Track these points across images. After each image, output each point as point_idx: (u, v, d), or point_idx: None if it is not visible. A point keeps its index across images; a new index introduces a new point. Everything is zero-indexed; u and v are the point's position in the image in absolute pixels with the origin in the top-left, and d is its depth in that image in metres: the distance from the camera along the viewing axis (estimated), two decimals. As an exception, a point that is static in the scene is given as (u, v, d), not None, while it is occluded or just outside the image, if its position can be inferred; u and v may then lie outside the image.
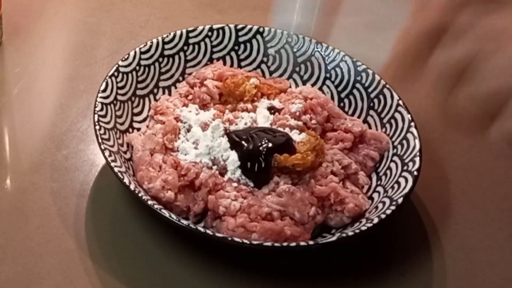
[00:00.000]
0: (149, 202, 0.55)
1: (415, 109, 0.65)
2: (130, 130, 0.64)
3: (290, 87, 0.70)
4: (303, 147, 0.60)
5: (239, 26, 0.72)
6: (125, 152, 0.61)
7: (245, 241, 0.54)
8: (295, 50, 0.72)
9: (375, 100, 0.67)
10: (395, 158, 0.62)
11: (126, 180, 0.55)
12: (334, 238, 0.55)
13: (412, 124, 0.63)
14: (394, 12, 0.86)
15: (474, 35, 0.50)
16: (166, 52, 0.69)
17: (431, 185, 0.66)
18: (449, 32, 0.53)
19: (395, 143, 0.63)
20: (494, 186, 0.68)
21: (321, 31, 0.85)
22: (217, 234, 0.54)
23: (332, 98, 0.69)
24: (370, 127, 0.66)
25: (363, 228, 0.55)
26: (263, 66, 0.72)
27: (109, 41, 0.80)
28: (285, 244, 0.54)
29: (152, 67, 0.68)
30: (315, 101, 0.65)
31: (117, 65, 0.65)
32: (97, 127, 0.59)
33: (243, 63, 0.72)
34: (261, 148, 0.59)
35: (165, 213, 0.54)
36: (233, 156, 0.60)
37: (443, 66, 0.51)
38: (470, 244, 0.62)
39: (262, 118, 0.64)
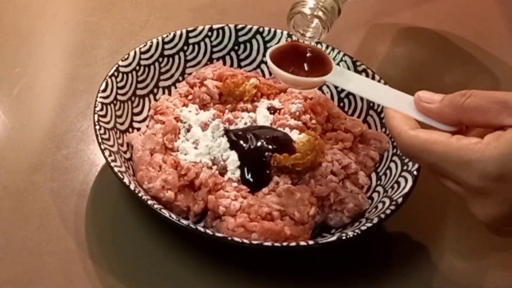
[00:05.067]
0: (149, 202, 0.55)
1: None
2: (130, 130, 0.64)
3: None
4: (302, 147, 0.60)
5: (239, 26, 0.72)
6: (125, 152, 0.61)
7: (245, 241, 0.54)
8: (295, 50, 0.71)
9: (375, 100, 0.67)
10: (395, 158, 0.62)
11: (126, 180, 0.55)
12: (334, 238, 0.55)
13: (412, 124, 0.63)
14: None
15: None
16: (166, 52, 0.69)
17: (431, 185, 0.66)
18: None
19: (395, 143, 0.63)
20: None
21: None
22: (217, 234, 0.54)
23: (332, 98, 0.69)
24: (370, 127, 0.66)
25: (363, 228, 0.55)
26: (263, 66, 0.72)
27: (109, 41, 0.79)
28: (285, 244, 0.54)
29: (152, 67, 0.68)
30: (315, 101, 0.65)
31: (117, 65, 0.65)
32: (97, 127, 0.59)
33: (243, 63, 0.72)
34: (260, 149, 0.59)
35: (165, 213, 0.54)
36: (233, 156, 0.60)
37: None
38: (470, 244, 0.62)
39: (262, 118, 0.64)
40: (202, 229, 0.54)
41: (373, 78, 0.67)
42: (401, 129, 0.49)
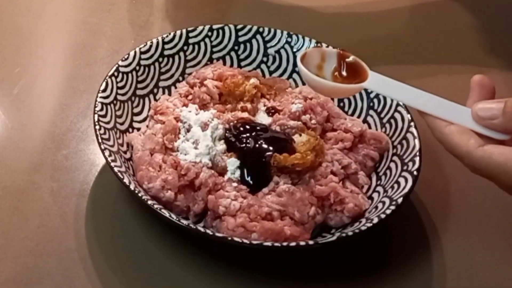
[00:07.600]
0: (149, 202, 0.55)
1: (414, 109, 0.65)
2: (130, 130, 0.64)
3: (290, 87, 0.70)
4: (302, 147, 0.60)
5: (239, 26, 0.72)
6: (125, 152, 0.61)
7: (245, 241, 0.54)
8: (294, 50, 0.71)
9: (375, 100, 0.67)
10: (395, 158, 0.62)
11: (126, 180, 0.56)
12: (334, 238, 0.55)
13: (412, 124, 0.63)
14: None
15: None
16: (166, 52, 0.69)
17: (431, 185, 0.66)
18: None
19: (395, 143, 0.63)
20: (494, 186, 0.67)
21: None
22: (217, 234, 0.54)
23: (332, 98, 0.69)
24: (370, 127, 0.66)
25: (363, 228, 0.55)
26: (263, 66, 0.72)
27: (109, 41, 0.80)
28: (285, 244, 0.54)
29: (152, 67, 0.68)
30: (315, 101, 0.65)
31: (117, 65, 0.65)
32: (97, 127, 0.59)
33: (243, 63, 0.72)
34: (260, 149, 0.59)
35: (165, 213, 0.54)
36: (233, 156, 0.60)
37: None
38: (470, 244, 0.62)
39: (262, 119, 0.64)
40: (202, 229, 0.54)
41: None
42: (468, 148, 0.46)
